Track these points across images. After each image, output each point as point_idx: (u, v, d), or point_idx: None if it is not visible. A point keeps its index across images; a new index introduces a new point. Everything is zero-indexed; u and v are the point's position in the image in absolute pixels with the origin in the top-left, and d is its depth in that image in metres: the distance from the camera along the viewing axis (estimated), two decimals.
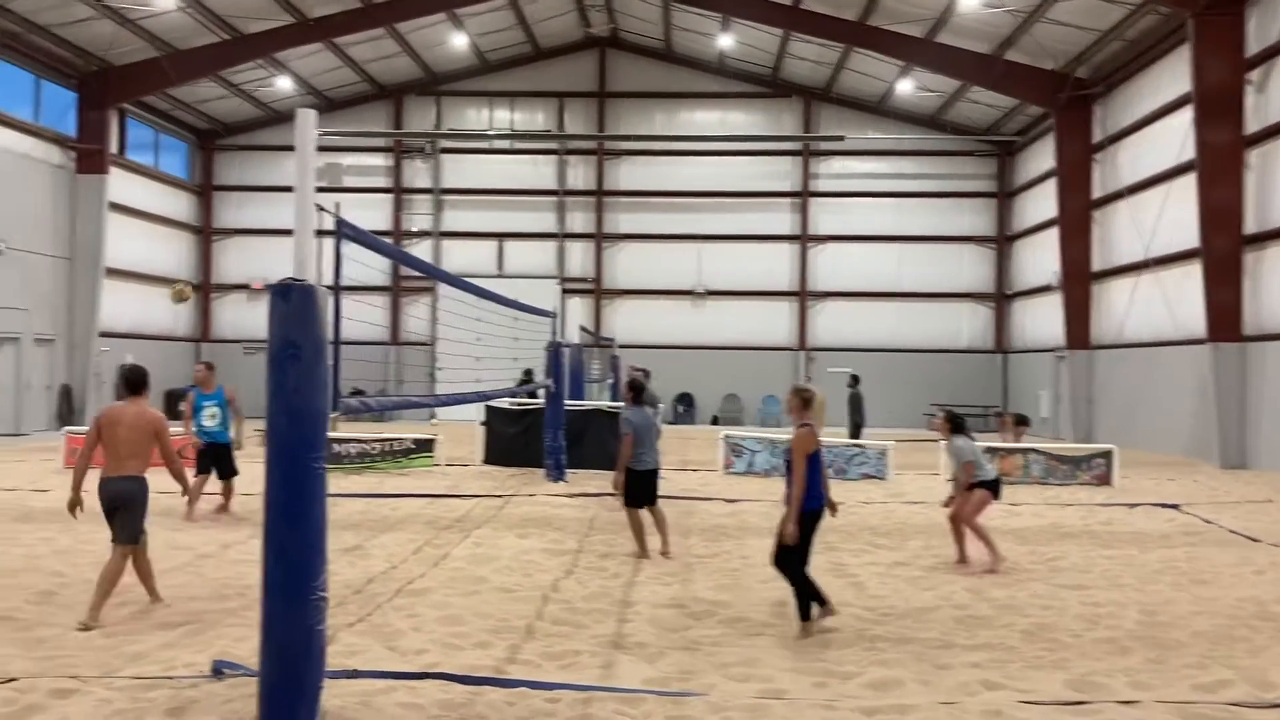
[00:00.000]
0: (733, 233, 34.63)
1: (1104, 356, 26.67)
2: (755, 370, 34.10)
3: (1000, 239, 34.70)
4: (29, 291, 26.06)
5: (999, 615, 8.21)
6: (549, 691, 5.97)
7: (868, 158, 34.87)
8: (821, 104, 34.69)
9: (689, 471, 18.78)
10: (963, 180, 34.84)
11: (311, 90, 33.14)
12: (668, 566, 10.12)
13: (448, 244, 35.16)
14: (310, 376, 5.30)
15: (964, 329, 34.98)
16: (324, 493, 5.42)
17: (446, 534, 11.73)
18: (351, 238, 6.05)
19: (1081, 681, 6.44)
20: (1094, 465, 17.59)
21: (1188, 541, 11.93)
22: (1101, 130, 26.80)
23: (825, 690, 6.24)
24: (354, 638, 7.17)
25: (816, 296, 34.86)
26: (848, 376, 23.81)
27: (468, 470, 18.21)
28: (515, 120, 35.14)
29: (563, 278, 34.80)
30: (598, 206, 35.10)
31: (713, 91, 34.71)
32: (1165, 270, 23.24)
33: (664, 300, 34.94)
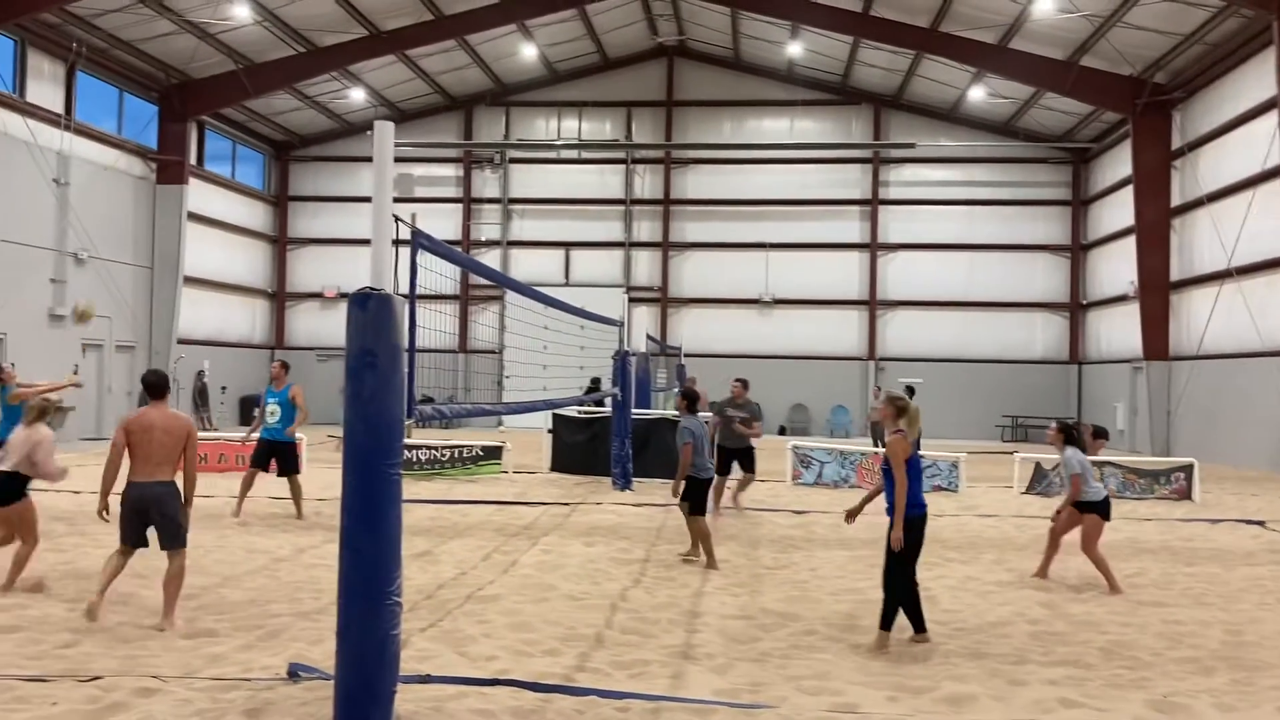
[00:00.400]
0: (800, 241, 34.44)
1: (1183, 368, 26.02)
2: (823, 380, 33.87)
3: (1075, 247, 34.07)
4: (111, 299, 26.81)
5: (1076, 632, 8.04)
6: (619, 700, 5.97)
7: (938, 165, 34.49)
8: (891, 111, 34.39)
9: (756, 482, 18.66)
10: (1036, 188, 34.28)
11: (384, 102, 33.68)
12: (736, 577, 10.06)
13: (515, 253, 35.48)
14: (386, 384, 5.37)
15: (1037, 339, 34.38)
16: (399, 499, 5.49)
17: (515, 541, 11.80)
18: (427, 247, 6.12)
19: (1164, 702, 6.27)
20: (1173, 479, 17.15)
21: (1274, 559, 11.57)
22: (1181, 136, 26.20)
23: (897, 705, 6.15)
24: (426, 643, 7.24)
25: (886, 305, 34.52)
26: (902, 387, 23.52)
27: (535, 478, 18.32)
28: (583, 130, 35.34)
29: (629, 286, 34.88)
30: (664, 215, 35.15)
31: (781, 99, 34.58)
32: (1249, 279, 22.61)
33: (730, 309, 34.86)
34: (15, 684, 6.05)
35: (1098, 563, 9.71)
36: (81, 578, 9.18)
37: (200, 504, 12.06)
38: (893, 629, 7.49)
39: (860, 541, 12.47)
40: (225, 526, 12.29)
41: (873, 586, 9.71)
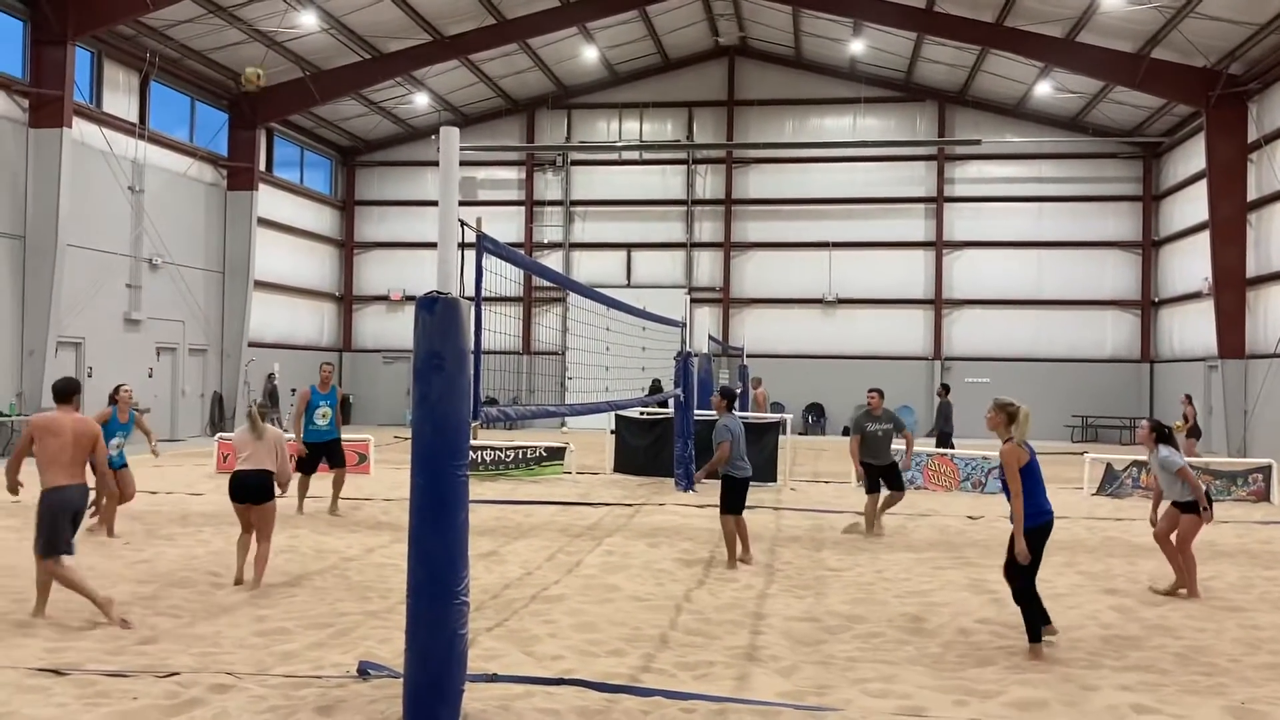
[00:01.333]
0: (864, 240, 34.13)
1: (1260, 366, 25.33)
2: (888, 380, 32.86)
3: (1146, 244, 33.32)
4: (184, 303, 27.43)
5: (1149, 636, 7.88)
6: (684, 701, 5.98)
7: (1005, 161, 33.95)
8: (956, 107, 33.94)
9: (821, 484, 18.58)
10: (1105, 184, 33.59)
11: (448, 106, 34.04)
12: (800, 579, 10.02)
13: (577, 255, 35.63)
14: (453, 386, 5.44)
15: (1108, 337, 33.69)
16: (466, 499, 5.56)
17: (579, 541, 11.86)
18: (492, 251, 6.19)
19: (1242, 709, 6.13)
20: (1251, 480, 16.72)
21: None
22: (1257, 129, 25.51)
23: (966, 709, 6.09)
24: (493, 642, 7.32)
25: (952, 304, 34.07)
26: (939, 386, 23.31)
27: (598, 479, 18.40)
28: (645, 130, 35.38)
29: (691, 287, 34.83)
30: (726, 215, 35.06)
31: (843, 97, 34.29)
32: None
33: (793, 309, 34.66)
34: (96, 679, 6.23)
35: (1187, 562, 9.43)
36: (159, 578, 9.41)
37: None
38: (1041, 638, 7.25)
39: (926, 544, 12.36)
40: (296, 526, 12.50)
41: (938, 588, 9.63)
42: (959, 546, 12.09)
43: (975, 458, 17.93)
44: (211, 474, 18.11)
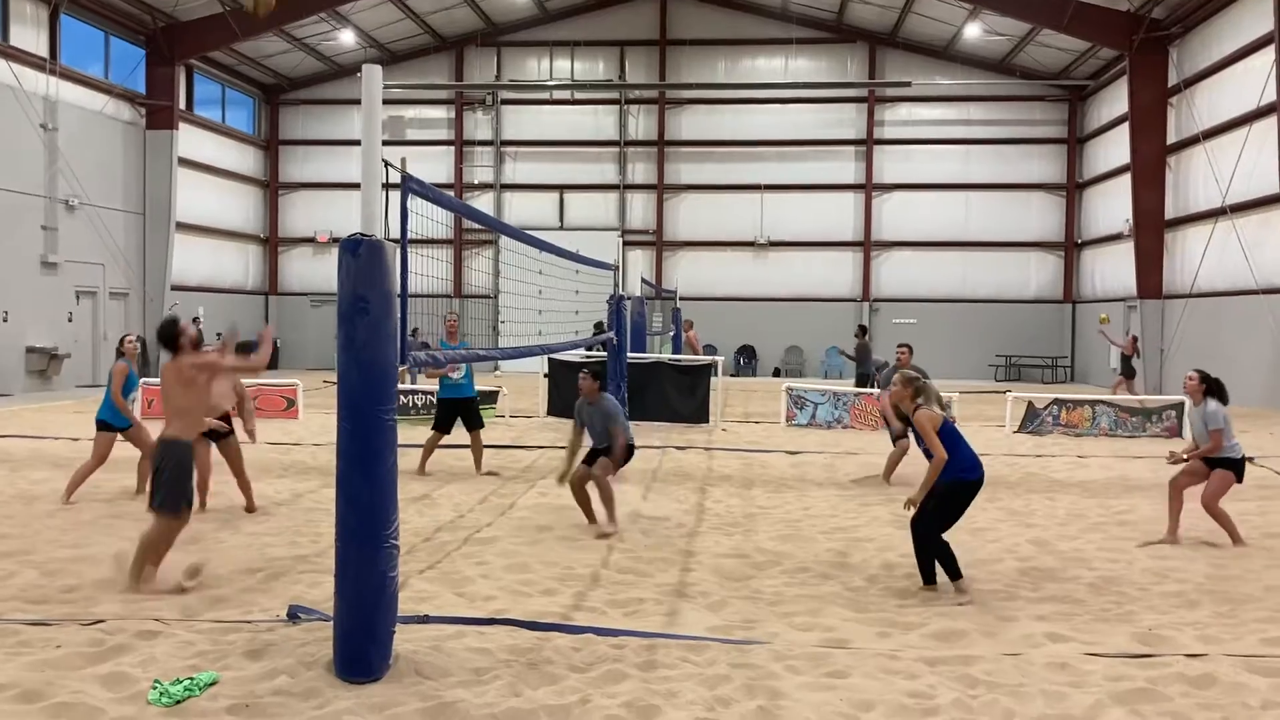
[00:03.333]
0: (796, 182, 34.27)
1: (1177, 306, 26.08)
2: (818, 322, 33.88)
3: (1070, 186, 33.93)
4: (104, 246, 26.69)
5: (1065, 568, 8.16)
6: (615, 638, 6.08)
7: (934, 104, 34.20)
8: (887, 49, 34.02)
9: (751, 424, 18.81)
10: (1032, 126, 34.04)
11: (374, 43, 33.28)
12: (730, 517, 10.18)
13: (509, 196, 35.28)
14: (379, 330, 5.41)
15: (1032, 278, 34.37)
16: (394, 443, 5.55)
17: (512, 484, 11.91)
18: (417, 192, 6.10)
19: (1149, 635, 6.40)
20: (1165, 417, 17.29)
21: (1260, 495, 11.71)
22: (1177, 73, 25.99)
23: (888, 640, 6.27)
24: (424, 584, 7.35)
25: (881, 246, 34.44)
26: (856, 328, 23.71)
27: (532, 422, 18.42)
28: (576, 70, 34.94)
29: (624, 229, 34.76)
30: (659, 157, 34.91)
31: (776, 38, 34.16)
32: (1243, 217, 22.58)
33: (726, 251, 34.76)
34: (19, 628, 6.15)
35: (1219, 518, 9.13)
36: (82, 526, 9.27)
37: None
38: (961, 573, 7.31)
39: (853, 481, 12.60)
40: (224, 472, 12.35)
41: (863, 525, 9.86)
42: (884, 484, 12.34)
43: None
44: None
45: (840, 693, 5.30)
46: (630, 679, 5.43)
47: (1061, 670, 5.66)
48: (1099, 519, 10.25)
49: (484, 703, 5.07)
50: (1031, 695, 5.28)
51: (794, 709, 5.08)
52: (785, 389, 18.80)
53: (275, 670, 5.44)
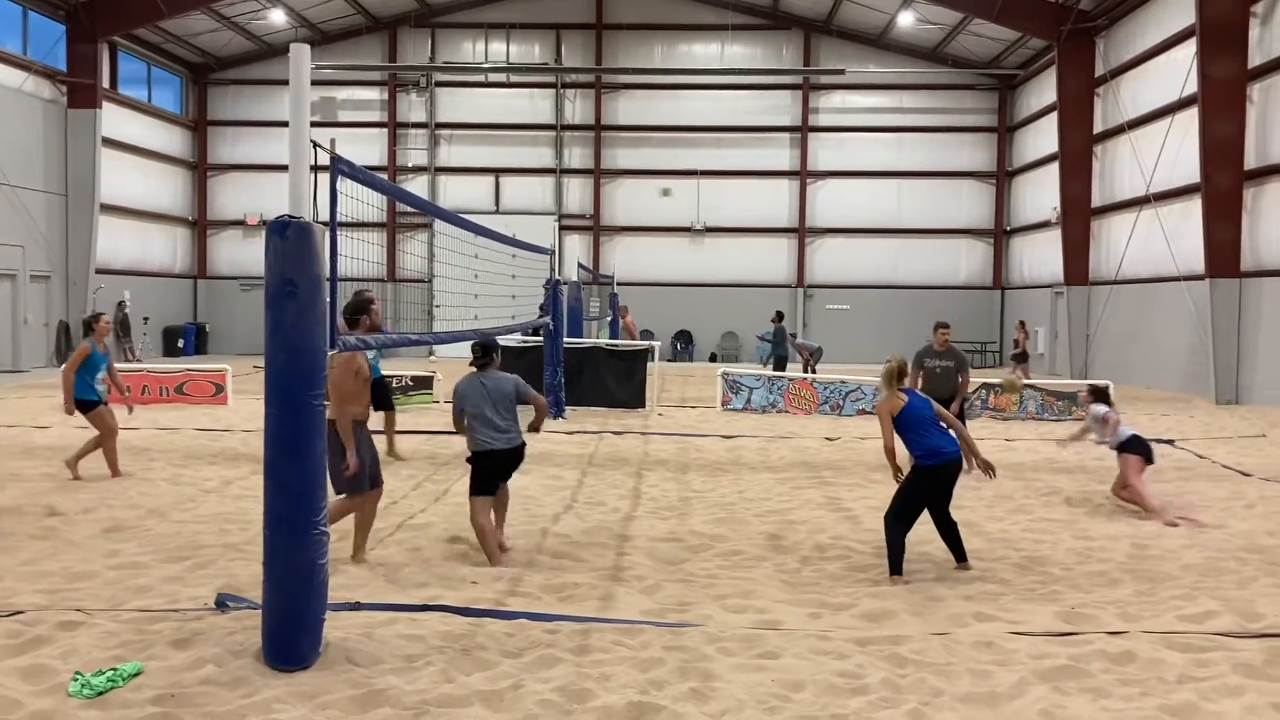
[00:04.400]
0: (732, 168, 34.38)
1: (1102, 292, 26.67)
2: (754, 307, 34.05)
3: (1000, 174, 34.49)
4: (24, 228, 25.93)
5: (992, 549, 8.32)
6: (548, 623, 6.08)
7: (868, 92, 34.50)
8: (822, 37, 34.24)
9: (687, 409, 18.88)
10: (963, 115, 34.52)
11: (304, 22, 32.69)
12: (666, 501, 10.22)
13: (444, 179, 34.92)
14: (307, 314, 5.32)
15: (962, 265, 34.91)
16: (323, 429, 5.48)
17: (446, 470, 11.84)
18: (347, 174, 6.02)
19: (1072, 613, 6.55)
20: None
21: (1180, 476, 12.04)
22: (1104, 64, 26.51)
23: (819, 621, 6.35)
24: (356, 571, 7.28)
25: (815, 233, 34.72)
26: (774, 313, 24.01)
27: None
28: (512, 53, 34.65)
29: (560, 214, 34.63)
30: (596, 141, 34.79)
31: (712, 24, 34.19)
32: (1166, 206, 23.14)
33: (663, 237, 34.79)
34: None
35: (1135, 494, 9.82)
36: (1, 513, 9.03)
37: (125, 436, 11.90)
38: (900, 570, 7.38)
39: (786, 465, 12.72)
40: (150, 459, 12.12)
41: (796, 507, 9.96)
42: (817, 467, 12.49)
43: (834, 381, 18.45)
44: (58, 405, 17.33)
45: (771, 673, 5.35)
46: (564, 663, 5.44)
47: (987, 649, 5.77)
48: (1025, 501, 10.45)
49: (416, 689, 5.04)
50: (958, 674, 5.38)
51: (726, 690, 5.12)
52: (721, 374, 18.89)
53: (202, 659, 5.35)
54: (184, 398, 18.08)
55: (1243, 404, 19.78)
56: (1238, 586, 7.22)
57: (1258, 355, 19.72)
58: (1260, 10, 19.78)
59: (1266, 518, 9.68)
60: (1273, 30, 19.41)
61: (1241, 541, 8.64)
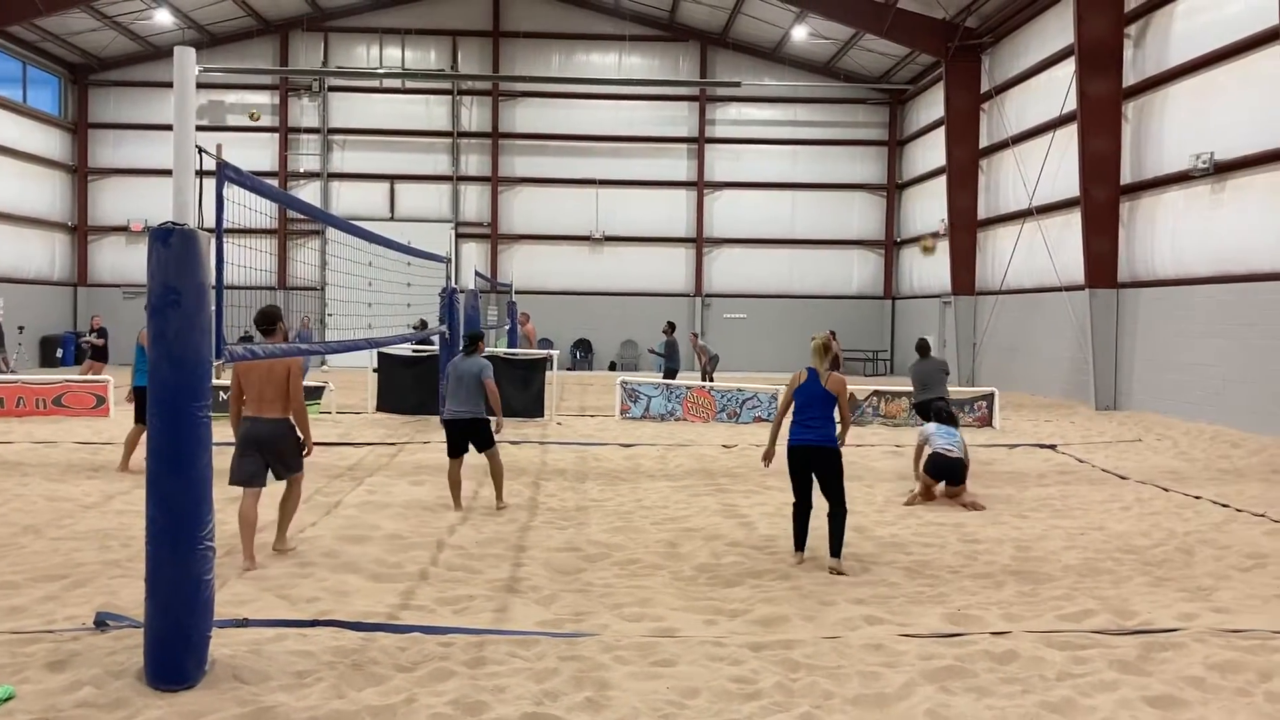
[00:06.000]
0: (630, 178, 34.54)
1: (988, 302, 27.49)
2: (652, 316, 34.23)
3: (890, 187, 35.33)
4: None
5: (883, 553, 8.50)
6: (442, 636, 6.01)
7: (763, 105, 35.02)
8: (718, 49, 34.64)
9: (586, 417, 18.88)
10: (855, 128, 35.28)
11: (192, 24, 31.82)
12: (563, 510, 10.20)
13: (337, 186, 34.31)
14: (192, 323, 5.19)
15: (854, 275, 35.64)
16: (209, 441, 5.34)
17: (338, 482, 11.62)
18: (234, 180, 5.88)
19: (958, 615, 6.74)
20: (976, 407, 18.19)
21: (1062, 480, 12.47)
22: (989, 80, 27.37)
23: (714, 628, 6.40)
24: (244, 586, 7.10)
25: (713, 243, 35.08)
26: (665, 324, 24.32)
27: (359, 418, 18.00)
28: (407, 58, 34.25)
29: (457, 222, 34.33)
30: (493, 149, 34.59)
31: (610, 34, 34.34)
32: (1047, 218, 23.97)
33: (561, 245, 34.75)
34: None
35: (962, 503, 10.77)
36: None
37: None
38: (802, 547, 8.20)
39: (683, 473, 12.81)
40: (24, 474, 11.63)
41: (693, 514, 10.03)
42: (714, 474, 12.60)
43: (731, 389, 18.65)
44: None
45: (667, 681, 5.38)
46: (458, 676, 5.38)
47: (877, 651, 5.89)
48: (914, 506, 10.70)
49: (305, 705, 4.94)
50: (849, 676, 5.48)
51: (621, 699, 5.13)
52: (620, 382, 18.94)
53: (79, 681, 5.15)
54: (63, 410, 17.41)
55: (1120, 410, 20.59)
56: (1114, 585, 7.51)
57: (1134, 363, 20.55)
58: (1133, 32, 20.67)
59: (1141, 519, 10.09)
60: (1145, 51, 20.29)
61: (1118, 542, 8.99)
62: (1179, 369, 18.88)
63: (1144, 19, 20.24)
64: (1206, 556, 8.46)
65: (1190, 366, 18.42)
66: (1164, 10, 19.54)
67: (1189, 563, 8.27)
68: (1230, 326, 17.29)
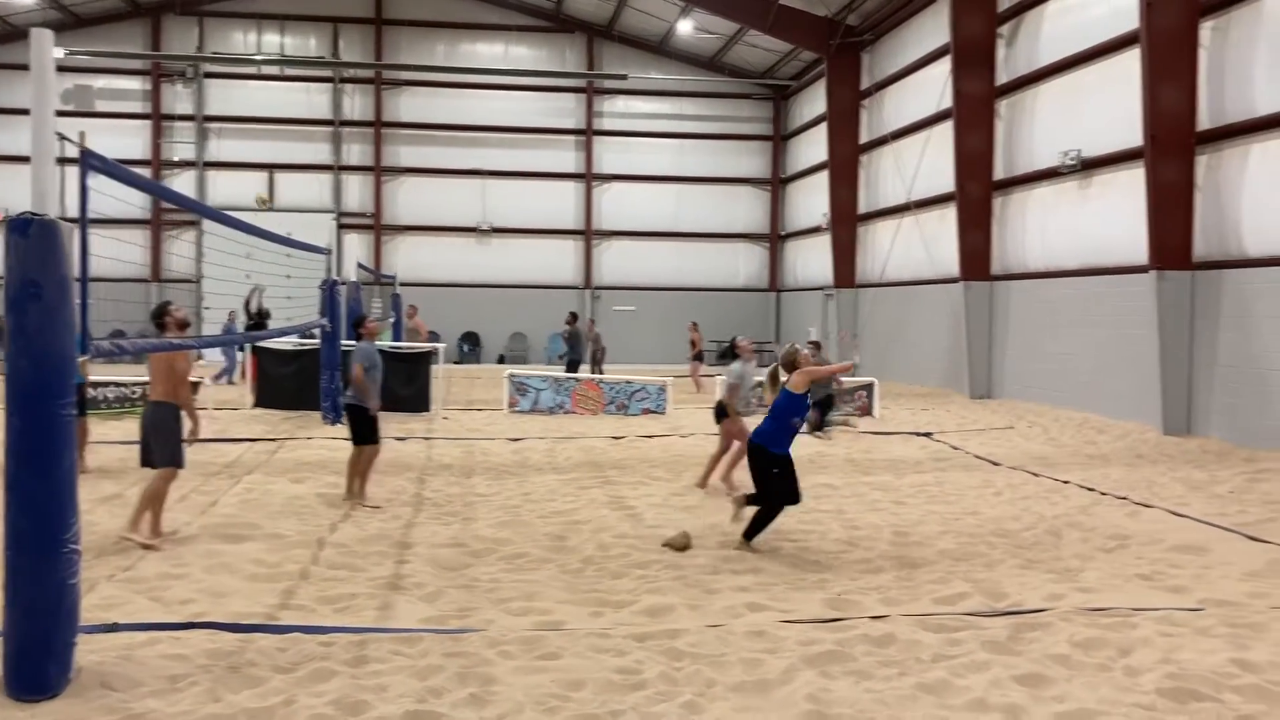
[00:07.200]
0: (518, 169, 34.31)
1: (868, 294, 28.15)
2: (542, 309, 34.18)
3: (775, 181, 35.86)
4: None
5: (766, 540, 8.63)
6: (323, 635, 5.90)
7: (650, 98, 35.16)
8: (605, 41, 34.64)
9: (473, 411, 18.71)
10: (740, 123, 35.70)
11: (56, 4, 30.43)
12: (450, 506, 10.10)
13: (214, 175, 33.26)
14: (53, 318, 4.98)
15: (740, 268, 36.10)
16: (72, 440, 5.14)
17: (215, 480, 11.28)
18: (99, 168, 5.66)
19: (838, 600, 6.89)
20: (856, 397, 18.61)
21: (937, 467, 12.85)
22: (869, 77, 27.98)
23: (600, 619, 6.43)
24: (114, 590, 6.84)
25: (602, 235, 35.11)
26: (568, 314, 24.47)
27: (238, 414, 17.50)
28: (286, 45, 33.38)
29: (340, 212, 33.62)
30: (376, 138, 33.97)
31: (496, 24, 34.03)
32: (924, 213, 24.65)
33: (448, 237, 34.34)
34: None
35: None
36: None
37: None
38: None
39: (572, 465, 12.81)
40: None
41: (581, 507, 10.04)
42: (602, 466, 12.63)
43: (620, 382, 18.71)
44: None
45: (552, 674, 5.38)
46: (339, 676, 5.29)
47: (759, 638, 5.99)
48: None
49: (179, 711, 4.80)
50: (731, 664, 5.56)
51: (506, 693, 5.11)
52: (507, 376, 18.82)
53: None
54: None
55: (994, 398, 21.31)
56: (986, 569, 7.77)
57: (1006, 353, 21.29)
58: (1006, 31, 21.36)
59: (1012, 503, 10.46)
60: (1017, 50, 20.99)
61: (991, 527, 9.30)
62: (1048, 358, 19.63)
63: (1016, 19, 20.93)
64: (1074, 539, 8.82)
65: (1059, 356, 19.16)
66: (1034, 11, 20.24)
67: (1057, 545, 8.61)
68: (1096, 317, 18.05)
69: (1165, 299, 15.57)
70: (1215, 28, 15.24)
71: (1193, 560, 8.10)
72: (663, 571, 7.60)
